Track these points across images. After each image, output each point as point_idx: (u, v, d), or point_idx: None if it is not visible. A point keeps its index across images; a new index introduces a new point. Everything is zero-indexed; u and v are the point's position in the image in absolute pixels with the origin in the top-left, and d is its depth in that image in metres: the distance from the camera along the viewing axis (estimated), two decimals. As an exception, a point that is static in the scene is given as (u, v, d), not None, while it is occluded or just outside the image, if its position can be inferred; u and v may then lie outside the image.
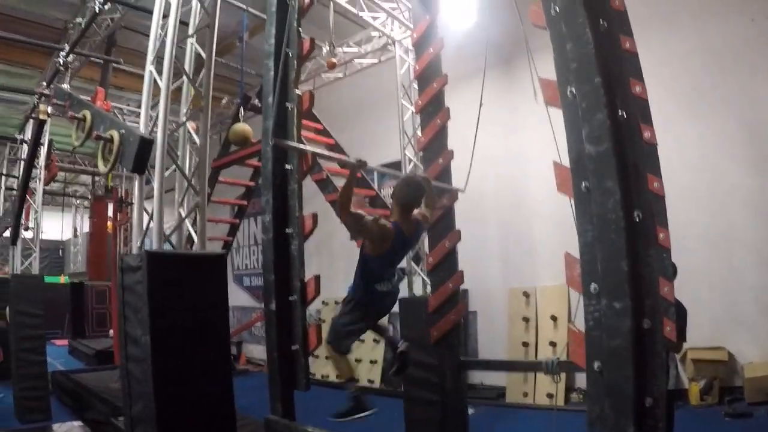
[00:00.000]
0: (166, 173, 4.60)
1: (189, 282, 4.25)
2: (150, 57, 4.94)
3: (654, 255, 2.79)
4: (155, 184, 4.44)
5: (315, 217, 4.17)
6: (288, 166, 4.17)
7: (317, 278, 4.08)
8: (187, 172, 4.82)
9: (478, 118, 5.09)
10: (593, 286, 2.76)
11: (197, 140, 4.77)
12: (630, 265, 2.68)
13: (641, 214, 2.76)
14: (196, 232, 4.65)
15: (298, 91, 4.34)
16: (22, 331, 8.98)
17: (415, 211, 4.48)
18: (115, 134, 4.71)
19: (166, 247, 4.57)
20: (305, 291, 4.07)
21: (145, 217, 4.67)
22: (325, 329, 4.33)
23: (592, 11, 2.94)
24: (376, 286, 4.37)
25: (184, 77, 4.87)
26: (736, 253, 7.44)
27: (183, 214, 4.63)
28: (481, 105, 5.12)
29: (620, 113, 2.83)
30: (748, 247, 7.35)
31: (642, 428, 2.59)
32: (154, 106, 4.75)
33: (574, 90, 2.88)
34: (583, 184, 2.82)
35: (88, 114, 5.53)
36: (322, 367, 11.48)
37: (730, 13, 7.60)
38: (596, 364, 2.72)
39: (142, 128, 4.74)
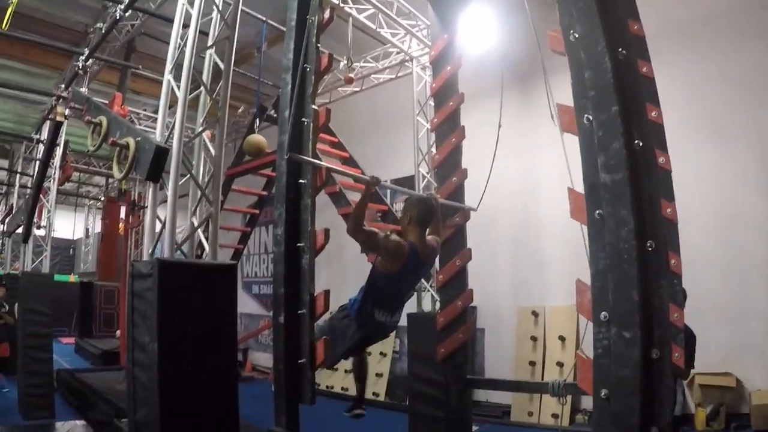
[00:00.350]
0: (180, 182, 4.63)
1: (199, 291, 4.26)
2: (169, 66, 4.98)
3: (665, 285, 2.78)
4: (169, 193, 4.47)
5: (327, 232, 4.17)
6: (302, 181, 4.18)
7: (327, 293, 4.07)
8: (201, 181, 4.86)
9: (497, 140, 5.09)
10: (603, 314, 2.74)
11: (212, 150, 4.80)
12: (641, 295, 2.66)
13: (654, 244, 2.74)
14: (207, 241, 4.67)
15: (314, 106, 4.35)
16: (30, 329, 9.03)
17: (429, 237, 4.47)
18: (131, 141, 4.75)
19: (177, 255, 4.60)
20: (314, 305, 4.06)
21: (157, 225, 4.71)
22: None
23: (611, 38, 2.94)
24: (375, 313, 4.34)
25: (202, 87, 4.91)
26: (746, 279, 7.40)
27: (195, 224, 4.66)
28: (500, 126, 5.12)
29: (636, 142, 2.82)
30: (758, 272, 7.31)
31: (648, 458, 2.58)
32: (171, 112, 4.81)
33: (591, 117, 2.87)
34: (597, 212, 2.81)
35: (104, 119, 5.58)
36: (327, 377, 11.47)
37: (747, 39, 7.59)
38: (603, 392, 2.70)
39: (158, 136, 4.77)
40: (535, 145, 9.12)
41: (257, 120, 7.66)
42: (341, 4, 7.60)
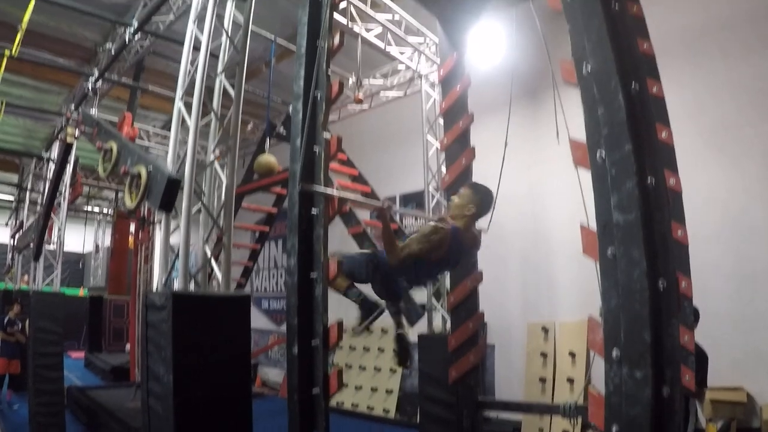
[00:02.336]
0: (193, 210, 4.65)
1: (213, 323, 4.28)
2: (179, 92, 4.99)
3: (676, 324, 2.78)
4: (181, 224, 4.49)
5: (340, 264, 4.19)
6: (314, 211, 4.18)
7: (340, 324, 4.07)
8: (212, 208, 4.87)
9: (504, 157, 5.06)
10: (615, 352, 2.74)
11: (224, 179, 4.81)
12: (653, 336, 2.66)
13: (666, 283, 2.74)
14: (220, 269, 4.68)
15: (326, 134, 4.35)
16: (41, 348, 9.04)
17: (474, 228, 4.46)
18: (143, 171, 4.75)
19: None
20: (328, 336, 4.06)
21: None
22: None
23: (624, 72, 2.93)
24: (400, 282, 4.41)
25: (212, 115, 4.92)
26: (759, 294, 7.36)
27: (208, 253, 4.66)
28: (506, 144, 5.10)
29: (649, 180, 2.81)
30: (769, 285, 7.28)
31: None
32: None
33: (604, 155, 2.87)
34: (609, 251, 2.79)
35: (115, 146, 5.59)
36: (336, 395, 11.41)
37: (753, 51, 7.57)
38: (615, 428, 2.70)
39: (169, 165, 4.77)
40: (544, 158, 9.10)
41: (267, 139, 7.66)
42: (350, 24, 7.61)
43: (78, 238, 22.16)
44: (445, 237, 4.15)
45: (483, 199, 4.37)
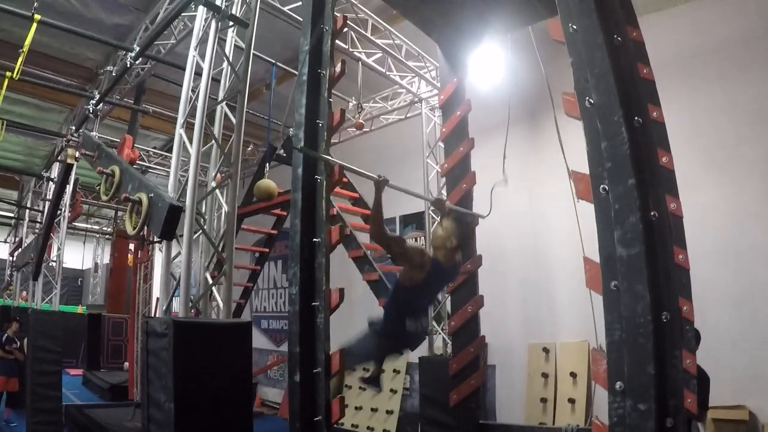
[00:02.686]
0: (194, 236, 4.65)
1: (214, 351, 4.26)
2: (180, 119, 5.00)
3: (679, 355, 2.78)
4: (183, 251, 4.48)
5: (342, 291, 4.18)
6: (316, 240, 4.19)
7: (342, 352, 4.08)
8: (214, 232, 4.88)
9: (504, 162, 5.08)
10: (618, 384, 2.75)
11: (225, 207, 4.82)
12: (657, 369, 2.67)
13: (669, 316, 2.75)
14: (220, 295, 4.67)
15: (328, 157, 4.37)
16: (39, 366, 9.04)
17: None
18: (144, 198, 4.75)
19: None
20: (330, 364, 4.06)
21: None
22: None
23: (628, 106, 2.95)
24: (406, 323, 4.35)
25: (213, 142, 4.94)
26: (759, 312, 7.33)
27: (210, 280, 4.66)
28: (504, 157, 5.13)
29: (652, 214, 2.82)
30: (769, 303, 7.26)
31: None
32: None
33: (607, 188, 2.87)
34: (613, 284, 2.80)
35: (117, 171, 5.60)
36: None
37: (751, 70, 7.57)
38: (619, 458, 2.71)
39: (170, 191, 4.77)
40: (544, 179, 9.10)
41: (267, 163, 7.67)
42: (350, 49, 7.65)
43: (77, 254, 22.13)
44: (428, 262, 4.22)
45: (461, 233, 4.46)
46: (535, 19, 5.99)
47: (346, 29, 6.52)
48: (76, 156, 8.63)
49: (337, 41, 6.49)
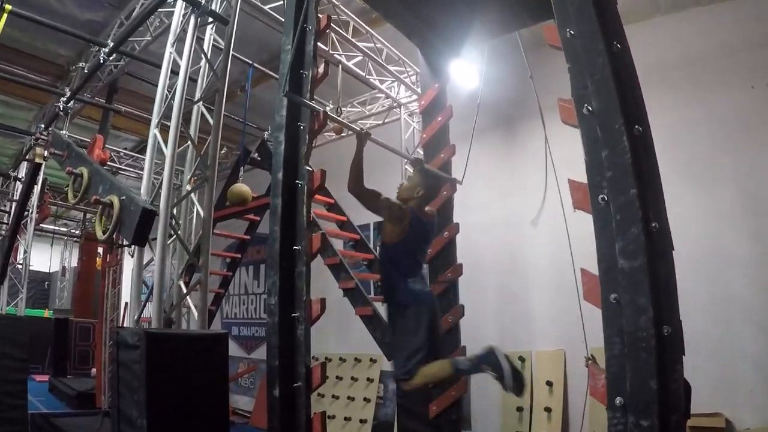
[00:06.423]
0: (168, 242, 4.46)
1: (189, 363, 4.08)
2: (155, 120, 4.81)
3: (680, 369, 2.69)
4: (156, 259, 4.29)
5: (323, 302, 4.00)
6: (296, 247, 4.02)
7: (323, 365, 3.91)
8: (188, 237, 4.70)
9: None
10: (618, 399, 2.66)
11: (201, 211, 4.64)
12: (659, 384, 2.58)
13: (670, 329, 2.67)
14: (196, 307, 4.49)
15: (308, 167, 4.21)
16: (4, 375, 8.68)
17: (426, 207, 4.62)
18: (116, 200, 4.53)
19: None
20: (311, 377, 3.89)
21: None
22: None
23: (628, 113, 2.86)
24: (409, 282, 4.30)
25: (189, 143, 4.76)
26: (735, 320, 7.35)
27: (184, 289, 4.47)
28: (468, 153, 5.06)
29: (653, 225, 2.72)
30: (745, 313, 7.25)
31: None
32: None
33: (607, 198, 2.77)
34: (613, 297, 2.71)
35: (86, 172, 5.37)
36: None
37: (728, 82, 7.62)
38: (620, 476, 2.61)
39: (143, 195, 4.57)
40: (520, 187, 9.05)
41: (241, 167, 7.50)
42: (330, 51, 7.51)
43: (44, 257, 21.64)
44: (406, 211, 4.27)
45: (430, 185, 4.57)
46: (519, 26, 5.92)
47: (327, 31, 6.39)
48: (45, 155, 8.34)
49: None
